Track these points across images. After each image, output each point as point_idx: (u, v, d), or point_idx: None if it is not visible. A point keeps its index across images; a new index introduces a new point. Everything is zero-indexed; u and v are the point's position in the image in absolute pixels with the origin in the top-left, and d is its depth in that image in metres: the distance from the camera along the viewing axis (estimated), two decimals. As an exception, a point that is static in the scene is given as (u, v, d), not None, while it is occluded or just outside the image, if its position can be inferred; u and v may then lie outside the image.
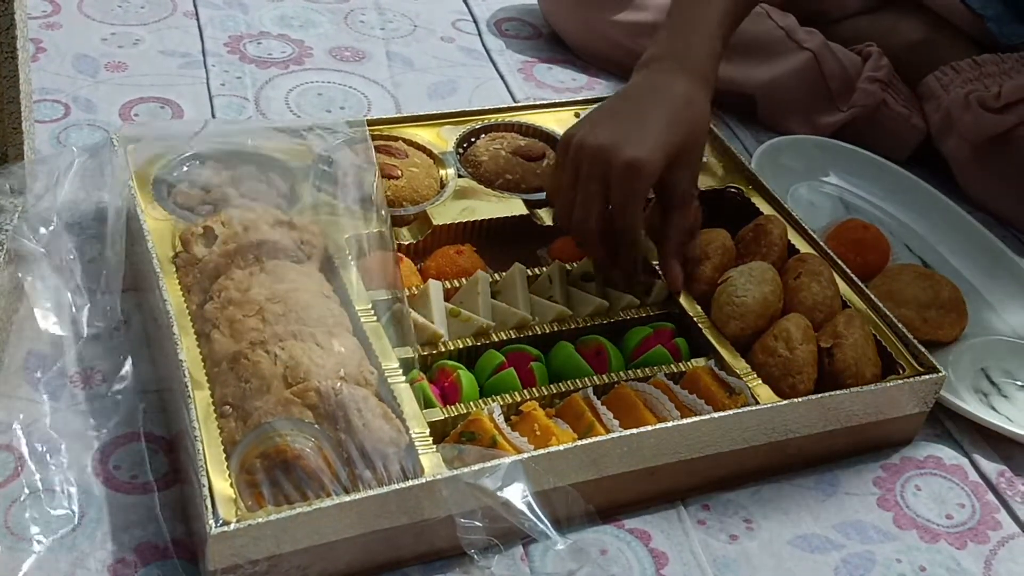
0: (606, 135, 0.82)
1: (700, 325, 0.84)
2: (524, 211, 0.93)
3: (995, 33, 1.21)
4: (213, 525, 0.63)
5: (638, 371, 0.81)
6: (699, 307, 0.86)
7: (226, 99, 1.12)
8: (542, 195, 0.95)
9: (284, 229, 0.83)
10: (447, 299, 0.84)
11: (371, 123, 0.96)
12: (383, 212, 0.86)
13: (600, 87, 1.26)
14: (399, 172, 0.92)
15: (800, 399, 0.78)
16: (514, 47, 1.31)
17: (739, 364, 0.81)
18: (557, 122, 1.03)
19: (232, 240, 0.81)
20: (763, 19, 1.23)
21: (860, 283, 0.89)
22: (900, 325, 0.85)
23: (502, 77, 1.24)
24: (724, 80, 1.21)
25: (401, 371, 0.75)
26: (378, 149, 0.92)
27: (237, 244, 0.80)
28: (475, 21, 1.35)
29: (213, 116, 1.09)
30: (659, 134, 0.83)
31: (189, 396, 0.70)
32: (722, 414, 0.76)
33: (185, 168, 0.90)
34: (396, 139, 0.97)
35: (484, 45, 1.30)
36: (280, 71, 1.18)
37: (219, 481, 0.66)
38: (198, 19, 1.24)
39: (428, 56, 1.26)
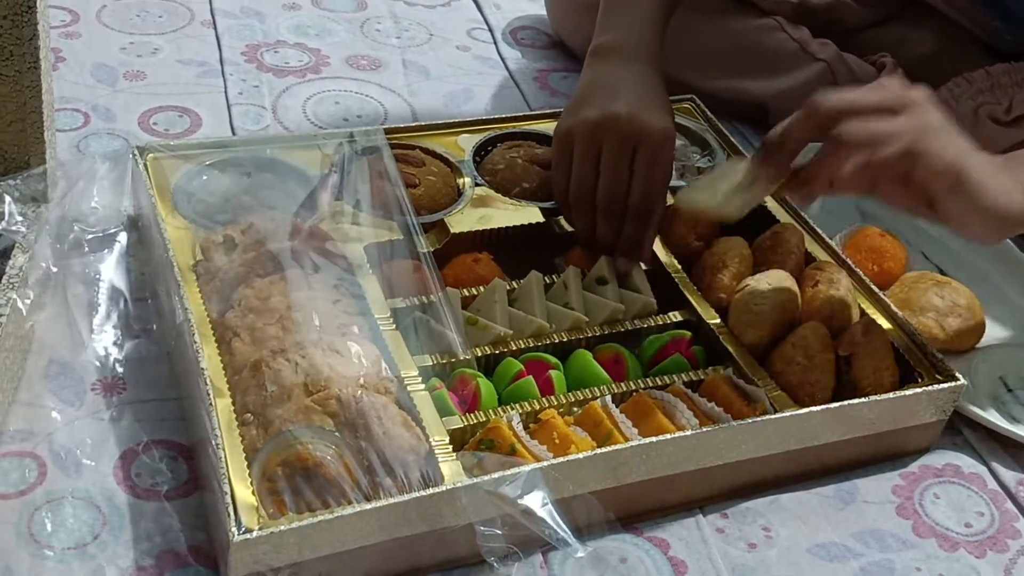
0: (623, 108, 0.85)
1: (718, 333, 0.84)
2: (541, 219, 0.93)
3: (1005, 31, 1.20)
4: (235, 533, 0.63)
5: (656, 379, 0.81)
6: (717, 315, 0.86)
7: (244, 108, 1.12)
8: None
9: (303, 237, 0.83)
10: (464, 307, 0.84)
11: (388, 132, 0.97)
12: (409, 219, 0.87)
13: (615, 95, 1.26)
14: (417, 181, 0.92)
15: (818, 408, 0.78)
16: (529, 56, 1.31)
17: (757, 372, 0.81)
18: (573, 131, 1.03)
19: (252, 249, 0.81)
20: (776, 31, 1.23)
21: (878, 291, 0.89)
22: (918, 333, 0.85)
23: (518, 86, 1.25)
24: (738, 90, 1.23)
25: (420, 379, 0.75)
26: (396, 158, 0.92)
27: (257, 252, 0.81)
28: (490, 30, 1.35)
29: (231, 125, 1.10)
30: (666, 109, 0.88)
31: (211, 404, 0.70)
32: (740, 423, 0.76)
33: (204, 177, 0.91)
34: (413, 148, 0.97)
35: (499, 54, 1.31)
36: (297, 80, 1.19)
37: (241, 489, 0.66)
38: (215, 28, 1.25)
39: (444, 65, 1.27)
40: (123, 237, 0.88)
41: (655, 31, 0.94)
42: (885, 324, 0.87)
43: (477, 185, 0.96)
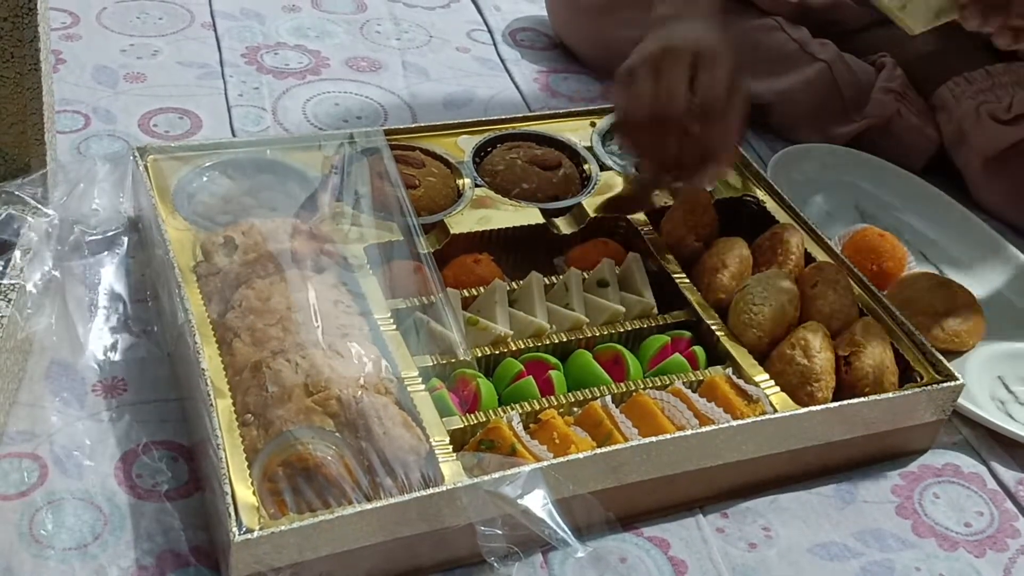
0: (680, 38, 0.88)
1: (718, 334, 0.85)
2: (541, 220, 0.93)
3: None
4: (236, 533, 0.63)
5: (656, 379, 0.81)
6: (717, 316, 0.86)
7: (244, 109, 1.13)
8: (559, 204, 0.95)
9: (304, 238, 0.84)
10: (465, 307, 0.84)
11: (388, 133, 0.97)
12: (409, 220, 0.87)
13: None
14: (417, 182, 0.93)
15: (818, 407, 0.78)
16: (529, 57, 1.31)
17: (757, 372, 0.82)
18: (572, 131, 1.04)
19: (252, 250, 0.81)
20: (777, 32, 1.24)
21: (877, 291, 0.89)
22: (917, 333, 0.85)
23: (517, 87, 1.25)
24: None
25: (420, 379, 0.76)
26: (396, 159, 0.93)
27: (257, 253, 0.81)
28: (490, 31, 1.36)
29: (231, 126, 1.10)
30: (727, 36, 0.91)
31: (211, 405, 0.70)
32: (740, 422, 0.76)
33: (205, 178, 0.91)
34: (413, 149, 0.97)
35: (499, 55, 1.31)
36: (297, 81, 1.19)
37: (242, 489, 0.66)
38: (215, 30, 1.26)
39: (443, 66, 1.27)
40: (123, 239, 0.89)
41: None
42: (885, 324, 0.87)
43: (477, 186, 0.96)
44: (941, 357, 0.84)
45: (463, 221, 0.91)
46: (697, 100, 0.86)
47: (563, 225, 0.94)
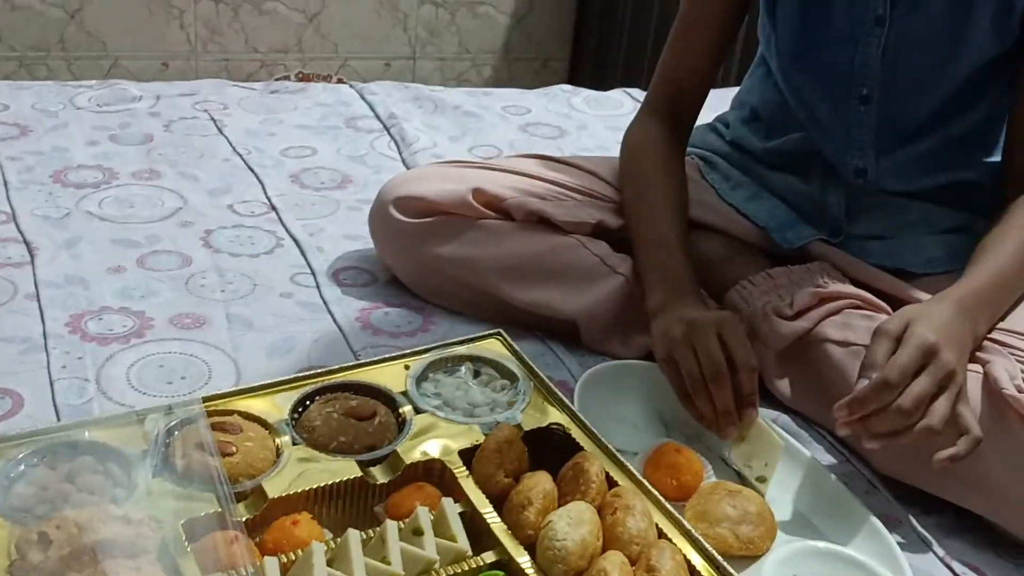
0: (696, 317, 1.15)
1: (528, 571, 0.89)
2: (358, 472, 0.98)
3: (779, 240, 1.34)
4: None
5: (470, 628, 0.85)
6: (526, 553, 0.91)
7: (67, 382, 1.14)
8: (374, 454, 1.00)
9: (119, 524, 0.86)
10: (283, 573, 0.87)
11: (206, 400, 1.01)
12: (224, 490, 0.90)
13: (435, 327, 1.33)
14: (234, 448, 0.96)
15: (621, 638, 0.83)
16: (352, 295, 1.37)
17: (565, 607, 0.86)
18: (387, 377, 1.09)
19: (67, 543, 0.83)
20: (578, 249, 1.34)
21: (673, 510, 0.96)
22: (710, 548, 0.92)
23: (340, 328, 1.30)
24: (546, 307, 1.32)
25: (238, 660, 0.78)
26: (213, 426, 0.96)
27: (71, 547, 0.83)
28: (313, 273, 1.41)
29: (54, 401, 1.12)
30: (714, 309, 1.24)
31: None
32: (549, 663, 0.80)
33: (21, 468, 0.92)
34: (231, 413, 1.01)
35: (322, 296, 1.36)
36: (121, 346, 1.22)
37: None
38: (39, 301, 1.28)
39: (267, 314, 1.32)
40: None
41: (682, 266, 1.24)
42: (681, 542, 0.93)
43: (295, 444, 1.00)
44: (732, 572, 0.90)
45: (281, 483, 0.95)
46: (736, 359, 1.10)
47: (380, 474, 0.99)
